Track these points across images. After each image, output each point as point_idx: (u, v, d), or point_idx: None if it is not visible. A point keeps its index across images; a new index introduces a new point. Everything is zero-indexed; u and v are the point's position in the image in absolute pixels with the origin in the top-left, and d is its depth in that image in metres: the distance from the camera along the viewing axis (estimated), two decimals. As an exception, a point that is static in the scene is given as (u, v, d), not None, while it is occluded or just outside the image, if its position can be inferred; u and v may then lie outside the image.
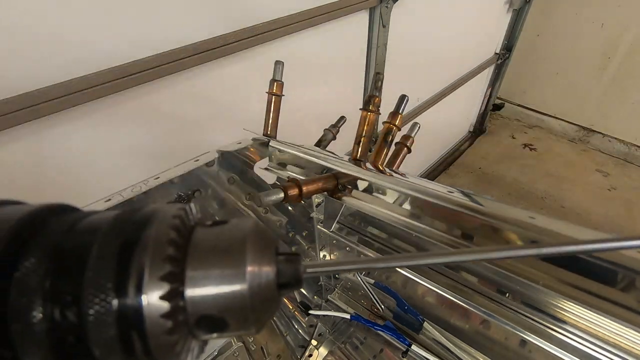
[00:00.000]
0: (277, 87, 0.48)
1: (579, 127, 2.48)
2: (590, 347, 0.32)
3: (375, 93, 0.40)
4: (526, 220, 0.27)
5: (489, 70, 2.21)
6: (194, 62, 0.71)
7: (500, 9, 1.88)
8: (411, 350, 0.53)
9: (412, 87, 1.56)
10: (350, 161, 0.40)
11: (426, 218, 0.33)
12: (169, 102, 0.74)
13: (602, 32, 2.13)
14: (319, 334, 0.67)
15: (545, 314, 0.35)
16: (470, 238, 0.30)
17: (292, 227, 0.61)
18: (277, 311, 0.19)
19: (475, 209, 0.29)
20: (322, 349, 0.66)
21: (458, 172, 2.33)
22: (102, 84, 0.60)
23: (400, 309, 0.55)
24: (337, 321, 0.67)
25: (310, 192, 0.35)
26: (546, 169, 2.31)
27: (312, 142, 0.52)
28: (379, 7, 1.09)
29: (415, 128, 0.44)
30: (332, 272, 0.47)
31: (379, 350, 0.61)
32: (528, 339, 0.37)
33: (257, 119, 0.52)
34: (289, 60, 0.52)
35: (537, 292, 0.36)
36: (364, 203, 0.38)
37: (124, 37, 0.61)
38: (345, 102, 1.23)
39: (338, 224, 0.53)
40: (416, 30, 1.36)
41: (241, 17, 0.77)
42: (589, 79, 2.29)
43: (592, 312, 0.31)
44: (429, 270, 0.45)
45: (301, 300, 0.66)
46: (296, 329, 0.69)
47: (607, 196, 2.09)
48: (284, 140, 0.47)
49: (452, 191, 0.31)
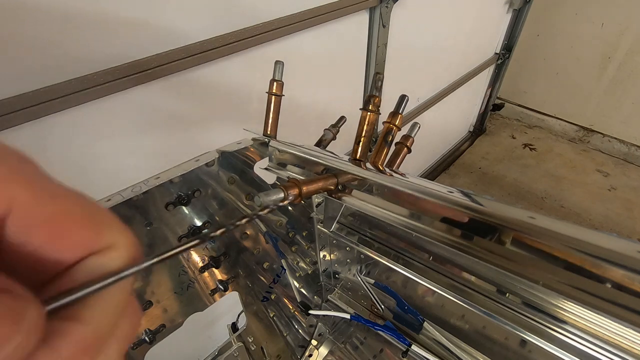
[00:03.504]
0: (277, 87, 0.48)
1: (579, 127, 2.48)
2: (590, 347, 0.32)
3: (375, 93, 0.40)
4: (526, 220, 0.26)
5: (489, 70, 2.21)
6: (194, 62, 0.71)
7: (500, 9, 1.88)
8: (411, 350, 0.53)
9: (412, 87, 1.56)
10: (350, 161, 0.40)
11: (426, 218, 0.33)
12: (169, 103, 0.74)
13: (602, 32, 2.13)
14: (319, 334, 0.67)
15: (545, 314, 0.35)
16: (470, 238, 0.30)
17: (292, 227, 0.61)
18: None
19: (476, 209, 0.29)
20: (322, 348, 0.66)
21: (458, 172, 2.33)
22: (102, 84, 0.60)
23: (400, 309, 0.55)
24: (337, 321, 0.67)
25: (311, 192, 0.35)
26: (546, 169, 2.31)
27: (312, 142, 0.52)
28: (379, 7, 1.09)
29: (415, 128, 0.44)
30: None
31: (379, 350, 0.61)
32: (528, 339, 0.37)
33: (258, 119, 0.52)
34: (289, 61, 0.52)
35: (537, 292, 0.36)
36: (364, 203, 0.38)
37: (123, 37, 0.61)
38: (345, 102, 1.23)
39: (338, 224, 0.53)
40: (416, 30, 1.36)
41: (241, 17, 0.77)
42: (589, 79, 2.29)
43: (593, 312, 0.31)
44: (429, 270, 0.45)
45: (301, 300, 0.66)
46: (296, 329, 0.69)
47: (607, 196, 2.09)
48: (284, 141, 0.47)
49: (452, 191, 0.31)
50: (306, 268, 0.65)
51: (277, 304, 0.69)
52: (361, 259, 0.55)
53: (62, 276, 0.13)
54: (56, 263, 0.13)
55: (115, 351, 0.14)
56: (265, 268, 0.64)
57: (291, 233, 0.62)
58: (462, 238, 0.30)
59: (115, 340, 0.14)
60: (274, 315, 0.68)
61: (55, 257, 0.12)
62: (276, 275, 0.65)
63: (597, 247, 0.23)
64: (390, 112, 0.41)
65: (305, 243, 0.63)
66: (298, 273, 0.65)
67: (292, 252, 0.64)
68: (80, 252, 0.13)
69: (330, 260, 0.60)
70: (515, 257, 0.27)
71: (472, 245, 0.30)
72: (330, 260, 0.60)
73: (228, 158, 0.53)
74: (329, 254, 0.59)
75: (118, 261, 0.13)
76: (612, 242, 0.23)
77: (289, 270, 0.65)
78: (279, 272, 0.65)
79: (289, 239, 0.62)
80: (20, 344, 0.10)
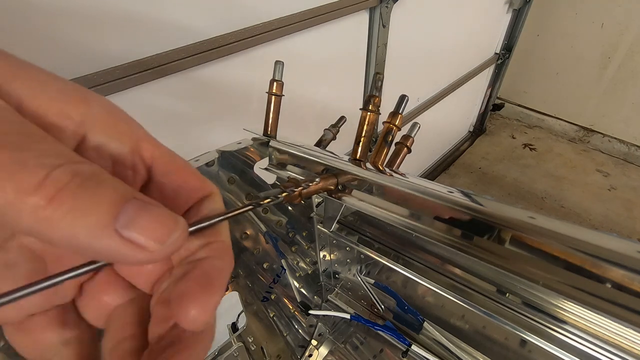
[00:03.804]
0: (277, 87, 0.48)
1: (579, 127, 2.48)
2: (590, 347, 0.32)
3: (375, 93, 0.40)
4: (526, 220, 0.27)
5: (489, 70, 2.21)
6: (193, 62, 0.71)
7: (500, 9, 1.88)
8: (411, 350, 0.53)
9: (412, 87, 1.56)
10: (350, 161, 0.40)
11: (426, 218, 0.33)
12: (169, 103, 0.74)
13: (602, 32, 2.13)
14: (319, 334, 0.67)
15: (545, 314, 0.35)
16: (470, 238, 0.30)
17: (292, 227, 0.61)
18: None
19: (476, 209, 0.29)
20: (322, 348, 0.66)
21: (458, 172, 2.33)
22: (101, 84, 0.60)
23: (400, 309, 0.55)
24: (337, 321, 0.67)
25: (311, 192, 0.35)
26: (546, 169, 2.31)
27: (312, 142, 0.52)
28: (379, 7, 1.09)
29: (415, 128, 0.44)
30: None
31: (379, 350, 0.61)
32: (528, 339, 0.37)
33: (257, 119, 0.52)
34: (289, 61, 0.52)
35: (537, 292, 0.36)
36: (364, 203, 0.38)
37: (123, 37, 0.62)
38: (345, 102, 1.23)
39: (338, 224, 0.53)
40: (416, 30, 1.36)
41: (241, 17, 0.77)
42: (589, 79, 2.29)
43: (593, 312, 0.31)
44: (429, 270, 0.45)
45: (301, 300, 0.66)
46: (296, 329, 0.69)
47: (607, 196, 2.09)
48: (284, 140, 0.47)
49: (452, 191, 0.31)
50: (306, 268, 0.65)
51: (277, 304, 0.69)
52: (361, 259, 0.55)
53: (189, 212, 0.17)
54: (186, 202, 0.17)
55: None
56: (265, 268, 0.64)
57: (291, 233, 0.62)
58: (462, 238, 0.30)
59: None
60: (274, 315, 0.68)
61: (185, 198, 0.17)
62: (276, 275, 0.65)
63: (597, 247, 0.23)
64: (390, 112, 0.41)
65: (305, 243, 0.63)
66: (298, 273, 0.65)
67: (292, 252, 0.64)
68: (199, 194, 0.17)
69: (330, 260, 0.60)
70: (515, 257, 0.27)
71: (472, 245, 0.30)
72: (330, 260, 0.60)
73: (228, 158, 0.53)
74: (329, 254, 0.59)
75: (221, 204, 0.18)
76: (612, 242, 0.23)
77: (289, 270, 0.65)
78: (279, 272, 0.65)
79: (289, 239, 0.62)
80: (180, 236, 0.13)
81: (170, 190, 0.17)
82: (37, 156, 0.11)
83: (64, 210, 0.11)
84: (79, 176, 0.12)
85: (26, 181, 0.11)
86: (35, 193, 0.11)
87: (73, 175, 0.11)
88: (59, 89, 0.14)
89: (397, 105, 0.40)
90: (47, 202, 0.11)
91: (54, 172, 0.11)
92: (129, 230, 0.12)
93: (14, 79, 0.13)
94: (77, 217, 0.11)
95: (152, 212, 0.13)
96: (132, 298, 0.17)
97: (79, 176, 0.12)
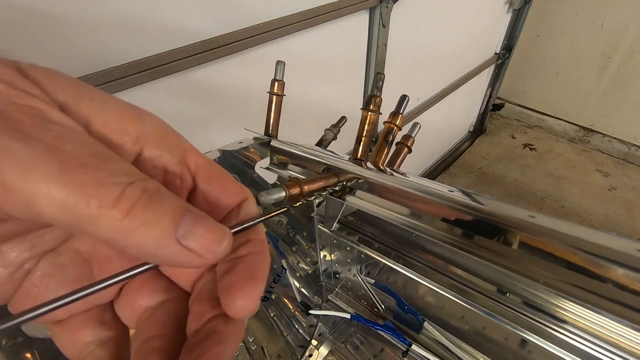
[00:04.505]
0: (278, 86, 0.48)
1: (579, 127, 2.48)
2: (590, 347, 0.32)
3: (376, 93, 0.40)
4: (526, 219, 0.27)
5: (489, 70, 2.21)
6: (193, 62, 0.71)
7: (500, 9, 1.88)
8: (411, 350, 0.53)
9: (412, 87, 1.56)
10: (351, 160, 0.40)
11: (427, 217, 0.33)
12: (169, 103, 0.74)
13: (602, 32, 2.13)
14: (319, 333, 0.67)
15: (545, 314, 0.35)
16: (470, 237, 0.30)
17: (292, 226, 0.62)
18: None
19: (476, 208, 0.29)
20: (322, 348, 0.66)
21: (458, 172, 2.33)
22: (101, 84, 0.60)
23: (401, 309, 0.55)
24: (337, 321, 0.67)
25: (312, 190, 0.35)
26: (546, 169, 2.31)
27: (313, 142, 0.52)
28: (379, 7, 1.09)
29: (415, 128, 0.44)
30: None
31: (379, 350, 0.61)
32: (528, 338, 0.37)
33: (258, 119, 0.52)
34: (289, 60, 0.52)
35: (538, 291, 0.36)
36: (365, 202, 0.38)
37: (123, 37, 0.62)
38: (345, 102, 1.23)
39: (338, 224, 0.53)
40: (416, 30, 1.36)
41: (241, 17, 0.77)
42: (589, 79, 2.29)
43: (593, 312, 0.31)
44: (429, 270, 0.45)
45: (301, 300, 0.66)
46: (296, 329, 0.69)
47: (607, 196, 2.09)
48: (285, 140, 0.47)
49: (453, 190, 0.31)
50: (306, 268, 0.65)
51: (278, 304, 0.69)
52: (361, 258, 0.55)
53: (230, 214, 0.18)
54: (227, 205, 0.18)
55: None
56: (265, 268, 0.64)
57: (291, 233, 0.62)
58: (463, 237, 0.30)
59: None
60: (274, 315, 0.68)
61: (225, 202, 0.18)
62: (276, 275, 0.65)
63: (597, 245, 0.23)
64: (390, 112, 0.41)
65: (306, 243, 0.63)
66: (298, 273, 0.65)
67: (292, 252, 0.64)
68: (237, 200, 0.19)
69: (330, 260, 0.60)
70: (515, 256, 0.27)
71: (473, 243, 0.30)
72: (331, 260, 0.60)
73: (229, 158, 0.53)
74: (329, 253, 0.59)
75: (256, 207, 0.19)
76: (612, 240, 0.23)
77: (289, 270, 0.65)
78: (280, 272, 0.65)
79: (289, 239, 0.62)
80: (228, 244, 0.15)
81: (214, 195, 0.18)
82: (111, 175, 0.13)
83: (138, 223, 0.13)
84: (147, 192, 0.13)
85: (106, 197, 0.12)
86: (114, 207, 0.12)
87: (142, 191, 0.13)
88: (115, 108, 0.16)
89: (397, 105, 0.40)
90: (124, 215, 0.13)
91: (128, 189, 0.13)
92: (187, 239, 0.14)
93: (80, 101, 0.15)
94: (148, 228, 0.13)
95: (205, 224, 0.14)
96: (163, 300, 0.18)
97: (147, 192, 0.13)
